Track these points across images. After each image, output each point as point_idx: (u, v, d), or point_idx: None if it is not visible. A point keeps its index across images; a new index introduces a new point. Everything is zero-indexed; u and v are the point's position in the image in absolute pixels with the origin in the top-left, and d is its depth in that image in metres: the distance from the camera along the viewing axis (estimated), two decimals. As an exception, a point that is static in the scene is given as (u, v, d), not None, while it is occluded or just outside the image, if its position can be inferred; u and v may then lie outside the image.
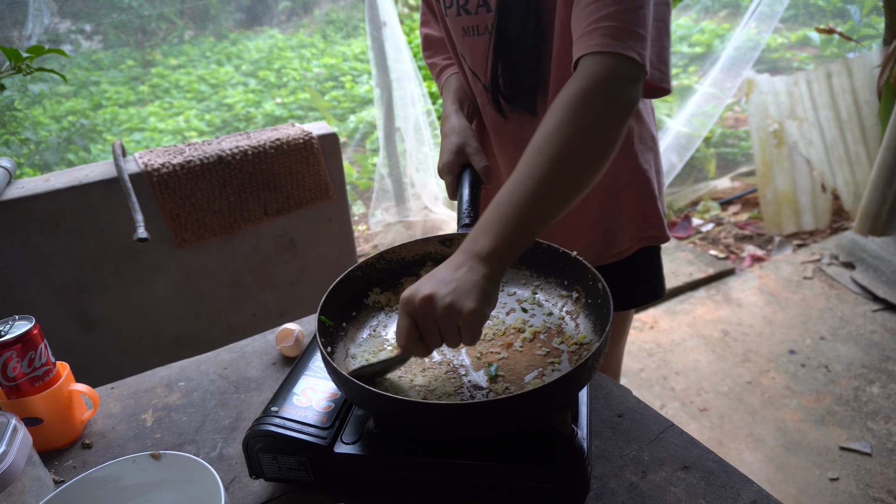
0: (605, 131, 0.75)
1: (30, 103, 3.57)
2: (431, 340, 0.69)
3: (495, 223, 0.71)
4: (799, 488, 1.78)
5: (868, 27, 4.07)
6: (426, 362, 0.80)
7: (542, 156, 0.73)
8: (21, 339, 0.83)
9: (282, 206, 1.88)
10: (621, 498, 0.72)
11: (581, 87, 0.76)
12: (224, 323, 1.93)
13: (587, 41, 0.78)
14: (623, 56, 0.76)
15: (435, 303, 0.66)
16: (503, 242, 0.70)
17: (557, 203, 0.73)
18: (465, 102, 1.13)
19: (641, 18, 0.78)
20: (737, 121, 4.31)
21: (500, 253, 0.70)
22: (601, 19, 0.78)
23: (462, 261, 0.70)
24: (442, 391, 0.74)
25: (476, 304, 0.66)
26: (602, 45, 0.77)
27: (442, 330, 0.67)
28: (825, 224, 3.16)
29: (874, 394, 2.11)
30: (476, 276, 0.68)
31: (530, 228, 0.72)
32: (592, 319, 0.82)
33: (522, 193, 0.72)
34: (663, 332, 2.52)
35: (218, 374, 1.02)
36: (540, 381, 0.75)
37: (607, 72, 0.76)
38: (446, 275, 0.69)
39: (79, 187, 1.63)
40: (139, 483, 0.72)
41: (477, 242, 0.71)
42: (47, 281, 1.66)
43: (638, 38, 0.77)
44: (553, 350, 0.80)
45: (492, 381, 0.76)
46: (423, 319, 0.67)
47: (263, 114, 4.08)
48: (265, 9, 2.98)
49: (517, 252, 0.72)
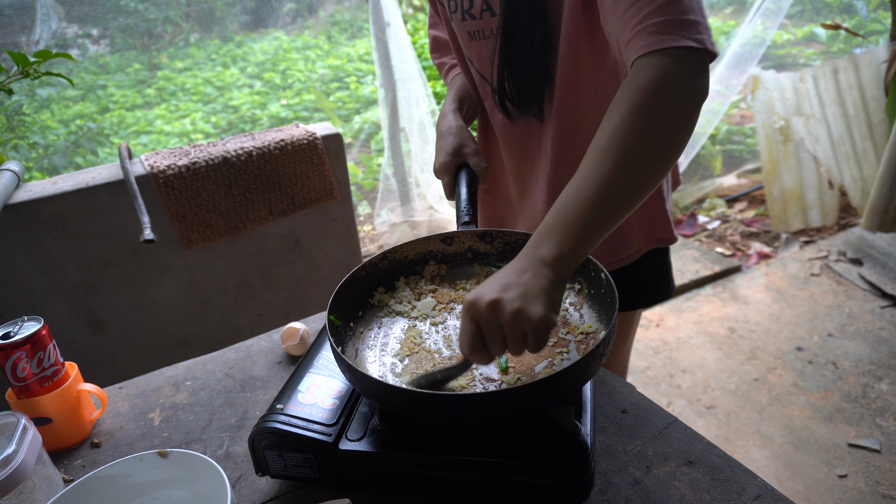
0: (673, 128, 0.71)
1: (38, 108, 3.60)
2: (496, 347, 0.66)
3: (560, 227, 0.69)
4: (807, 485, 1.78)
5: (875, 22, 4.04)
6: (436, 358, 0.80)
7: (608, 156, 0.70)
8: (30, 339, 0.84)
9: (287, 206, 1.89)
10: (625, 493, 0.72)
11: (642, 85, 0.71)
12: (230, 323, 1.94)
13: (636, 44, 0.74)
14: (679, 48, 0.71)
15: (502, 308, 0.64)
16: (569, 247, 0.68)
17: (624, 204, 0.70)
18: (465, 102, 1.13)
19: (688, 3, 0.73)
20: (743, 118, 4.29)
21: (566, 257, 0.67)
22: (645, 18, 0.73)
23: (527, 265, 0.67)
24: (455, 384, 0.75)
25: (545, 310, 0.64)
26: (652, 45, 0.72)
27: (508, 336, 0.65)
28: (832, 221, 3.14)
29: (883, 390, 2.09)
30: (543, 282, 0.66)
31: (596, 231, 0.69)
32: (596, 309, 0.82)
33: (587, 196, 0.69)
34: (669, 329, 2.51)
35: (224, 373, 1.03)
36: (550, 370, 0.75)
37: (666, 69, 0.71)
38: (511, 279, 0.66)
39: (86, 190, 1.64)
40: (147, 481, 0.73)
41: (541, 247, 0.68)
42: (55, 282, 1.68)
43: (691, 25, 0.72)
44: (560, 340, 0.81)
45: (503, 372, 0.76)
46: (489, 325, 0.65)
47: (269, 115, 4.10)
48: (270, 11, 3.00)
49: (583, 256, 0.69)
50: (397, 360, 0.81)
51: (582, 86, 0.97)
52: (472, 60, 1.08)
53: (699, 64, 0.73)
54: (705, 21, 0.74)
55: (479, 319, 0.66)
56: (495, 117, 1.11)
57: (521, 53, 0.97)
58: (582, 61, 0.94)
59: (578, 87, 0.97)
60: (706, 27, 0.74)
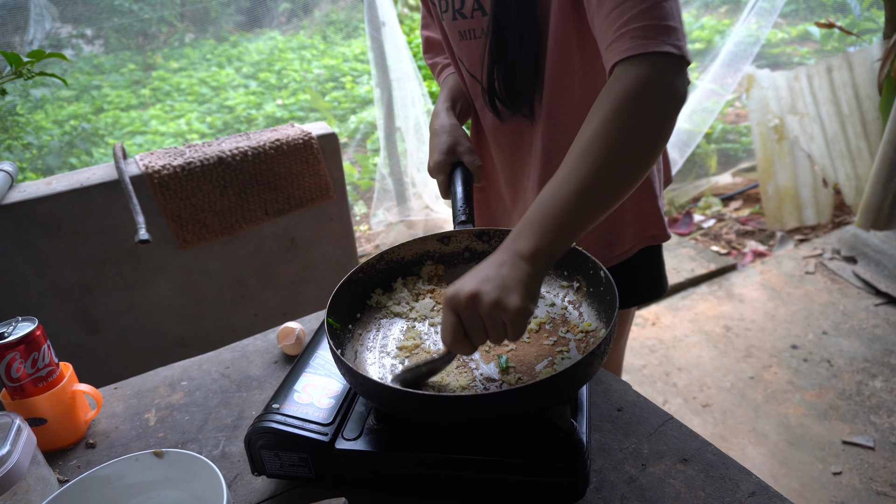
0: (653, 131, 0.73)
1: (32, 108, 3.58)
2: (476, 337, 0.68)
3: (538, 222, 0.70)
4: (802, 483, 1.78)
5: (868, 21, 4.06)
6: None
7: (588, 156, 0.71)
8: (24, 340, 0.84)
9: (282, 206, 1.89)
10: (621, 491, 0.73)
11: (624, 88, 0.73)
12: (226, 323, 1.94)
13: (618, 48, 0.76)
14: (660, 53, 0.74)
15: (480, 299, 0.66)
16: (546, 242, 0.69)
17: (602, 204, 0.72)
18: (458, 101, 1.13)
19: (668, 10, 0.76)
20: (737, 116, 4.30)
21: (543, 252, 0.69)
22: (628, 22, 0.75)
23: (504, 259, 0.69)
24: (456, 385, 0.75)
25: (521, 300, 0.66)
26: (634, 49, 0.74)
27: (487, 326, 0.67)
28: (827, 219, 3.16)
29: (877, 388, 2.10)
30: (520, 274, 0.68)
31: (574, 229, 0.71)
32: (595, 307, 0.82)
33: (567, 193, 0.71)
34: (665, 328, 2.52)
35: (220, 373, 1.03)
36: (551, 369, 0.75)
37: (648, 73, 0.73)
38: (490, 272, 0.68)
39: (80, 190, 1.64)
40: (143, 481, 0.73)
41: (519, 241, 0.70)
42: (51, 283, 1.67)
43: (670, 31, 0.75)
44: (560, 339, 0.81)
45: (503, 372, 0.77)
46: (469, 316, 0.67)
47: (264, 115, 4.09)
48: (265, 11, 2.99)
49: (560, 251, 0.71)
50: (397, 362, 0.81)
51: (572, 84, 0.98)
52: (462, 60, 1.08)
53: (678, 69, 0.75)
54: (682, 28, 0.77)
55: (460, 311, 0.67)
56: (486, 117, 1.11)
57: (511, 51, 0.97)
58: (571, 59, 0.95)
59: (568, 86, 0.98)
60: (683, 34, 0.77)
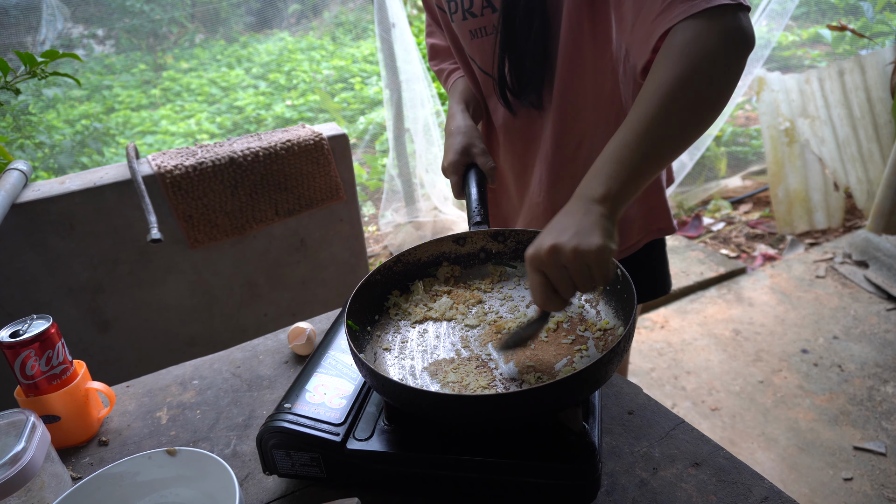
0: (719, 75, 0.72)
1: (44, 107, 3.61)
2: (565, 290, 0.68)
3: (606, 166, 0.71)
4: (812, 488, 1.77)
5: (881, 24, 4.03)
6: (456, 359, 0.80)
7: (652, 101, 0.71)
8: (39, 338, 0.84)
9: (293, 206, 1.89)
10: (632, 494, 0.72)
11: (686, 37, 0.71)
12: (236, 323, 1.95)
13: (668, 16, 0.74)
14: (715, 7, 0.71)
15: (561, 250, 0.66)
16: (616, 183, 0.69)
17: (670, 144, 0.72)
18: (470, 103, 1.14)
19: None
20: (748, 119, 4.28)
21: (613, 194, 0.69)
22: None
23: (576, 206, 0.70)
24: (476, 385, 0.75)
25: (601, 238, 0.66)
26: (687, 10, 0.72)
27: (573, 274, 0.67)
28: (838, 223, 3.13)
29: (888, 393, 2.09)
30: (594, 217, 0.68)
31: (642, 170, 0.71)
32: (612, 305, 0.82)
33: (633, 138, 0.71)
34: (674, 331, 2.51)
35: (231, 372, 1.04)
36: (571, 368, 0.75)
37: (706, 22, 0.71)
38: (564, 223, 0.69)
39: (93, 189, 1.65)
40: (155, 479, 0.74)
41: (589, 187, 0.70)
42: (63, 281, 1.69)
43: None
44: (578, 337, 0.80)
45: (523, 372, 0.77)
46: (553, 270, 0.67)
47: (274, 116, 4.11)
48: (275, 12, 3.00)
49: (631, 193, 0.71)
50: (416, 363, 0.81)
51: (583, 71, 0.99)
52: (474, 59, 1.10)
53: (737, 13, 0.73)
54: None
55: (544, 268, 0.67)
56: (497, 112, 1.13)
57: (521, 40, 0.99)
58: (583, 47, 0.96)
59: (580, 73, 0.99)
60: None
